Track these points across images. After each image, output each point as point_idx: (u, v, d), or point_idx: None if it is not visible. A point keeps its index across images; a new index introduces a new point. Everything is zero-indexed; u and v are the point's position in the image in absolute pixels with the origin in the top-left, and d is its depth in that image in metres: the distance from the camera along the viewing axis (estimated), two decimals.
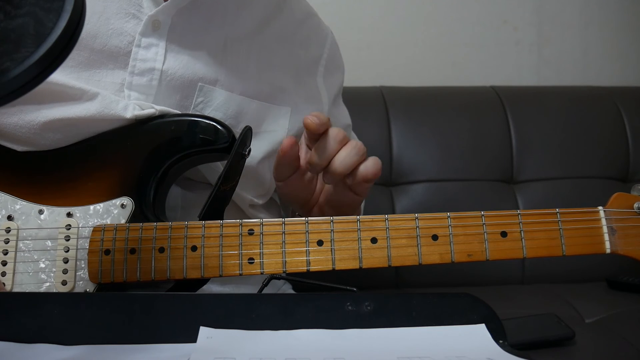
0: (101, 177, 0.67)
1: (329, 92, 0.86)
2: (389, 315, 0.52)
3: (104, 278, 0.62)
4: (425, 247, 0.60)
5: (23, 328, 0.50)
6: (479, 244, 0.60)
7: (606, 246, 0.61)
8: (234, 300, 0.52)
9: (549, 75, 1.51)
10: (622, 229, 0.61)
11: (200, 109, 0.73)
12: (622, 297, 1.04)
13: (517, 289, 1.13)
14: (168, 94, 0.72)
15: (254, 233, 0.61)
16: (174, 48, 0.72)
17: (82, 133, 0.68)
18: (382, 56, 1.47)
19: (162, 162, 0.68)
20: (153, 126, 0.68)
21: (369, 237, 0.61)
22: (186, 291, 0.63)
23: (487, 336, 0.50)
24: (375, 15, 1.47)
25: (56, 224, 0.65)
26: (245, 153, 0.67)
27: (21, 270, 0.64)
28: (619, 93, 1.34)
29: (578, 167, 1.26)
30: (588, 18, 1.52)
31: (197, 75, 0.72)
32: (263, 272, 0.61)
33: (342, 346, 0.49)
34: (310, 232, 0.61)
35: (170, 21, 0.71)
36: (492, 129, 1.26)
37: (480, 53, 1.50)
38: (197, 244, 0.62)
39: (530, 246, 0.60)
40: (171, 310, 0.51)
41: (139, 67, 0.70)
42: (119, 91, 0.70)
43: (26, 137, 0.67)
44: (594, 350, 0.76)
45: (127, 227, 0.63)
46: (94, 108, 0.67)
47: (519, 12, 1.50)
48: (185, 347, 0.48)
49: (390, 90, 1.29)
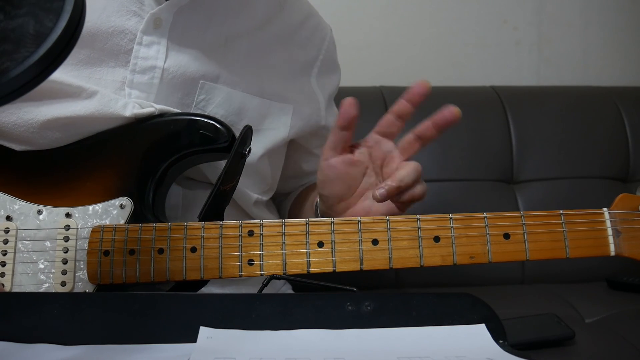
0: (100, 177, 0.67)
1: (323, 92, 0.86)
2: (389, 315, 0.52)
3: (103, 279, 0.62)
4: (427, 249, 0.60)
5: (23, 328, 0.50)
6: (481, 246, 0.60)
7: (611, 248, 0.60)
8: (234, 300, 0.52)
9: (549, 75, 1.51)
10: (627, 231, 0.60)
11: (202, 106, 0.73)
12: (622, 297, 1.03)
13: (517, 289, 1.13)
14: (169, 92, 0.71)
15: (253, 234, 0.61)
16: (175, 46, 0.72)
17: (81, 132, 0.68)
18: (382, 56, 1.47)
19: (162, 161, 0.67)
20: (152, 125, 0.68)
21: (370, 239, 0.60)
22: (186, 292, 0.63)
23: (487, 336, 0.50)
24: (375, 15, 1.46)
25: (55, 224, 0.64)
26: (245, 152, 0.67)
27: (20, 271, 0.63)
28: (619, 93, 1.34)
29: (578, 167, 1.26)
30: (588, 18, 1.51)
31: (199, 73, 0.72)
32: (263, 273, 0.61)
33: (342, 346, 0.48)
34: (311, 233, 0.61)
35: (171, 19, 0.71)
36: (492, 129, 1.26)
37: (480, 53, 1.50)
38: (196, 245, 0.61)
39: (533, 248, 0.60)
40: (171, 310, 0.51)
41: (140, 65, 0.70)
42: (120, 89, 0.70)
43: (25, 136, 0.67)
44: (594, 350, 0.76)
45: (126, 227, 0.63)
46: (92, 106, 0.67)
47: (519, 12, 1.50)
48: (185, 347, 0.48)
49: (390, 90, 1.29)
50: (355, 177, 0.68)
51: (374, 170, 0.68)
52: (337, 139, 0.66)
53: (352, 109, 0.65)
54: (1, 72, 0.38)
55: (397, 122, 0.67)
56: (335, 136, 0.66)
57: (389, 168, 0.67)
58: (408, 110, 0.66)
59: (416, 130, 0.66)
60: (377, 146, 0.67)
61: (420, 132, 0.66)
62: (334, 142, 0.67)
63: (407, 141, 0.67)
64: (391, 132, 0.67)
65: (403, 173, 0.63)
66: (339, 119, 0.65)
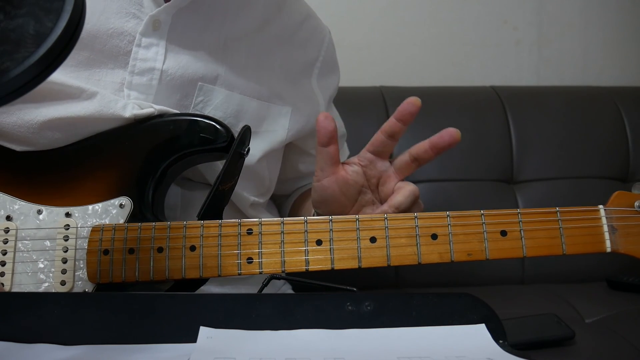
0: (100, 177, 0.67)
1: (323, 93, 0.86)
2: (389, 315, 0.52)
3: (103, 278, 0.62)
4: (425, 247, 0.60)
5: (23, 328, 0.50)
6: (478, 243, 0.60)
7: (607, 245, 0.60)
8: (234, 300, 0.52)
9: (549, 75, 1.51)
10: (622, 228, 0.61)
11: (200, 108, 0.73)
12: (622, 297, 1.03)
13: (517, 289, 1.13)
14: (168, 94, 0.72)
15: (252, 233, 0.61)
16: (174, 48, 0.72)
17: (80, 132, 0.68)
18: (382, 56, 1.47)
19: (161, 161, 0.67)
20: (151, 126, 0.68)
21: (368, 237, 0.61)
22: (185, 291, 0.63)
23: (487, 336, 0.50)
24: (375, 15, 1.46)
25: (55, 224, 0.65)
26: (244, 153, 0.67)
27: (20, 271, 0.63)
28: (619, 93, 1.34)
29: (578, 167, 1.26)
30: (588, 18, 1.51)
31: (197, 75, 0.72)
32: (262, 271, 0.61)
33: (342, 346, 0.48)
34: (309, 231, 0.61)
35: (170, 21, 0.71)
36: (492, 129, 1.26)
37: (480, 53, 1.50)
38: (195, 243, 0.61)
39: (530, 245, 0.60)
40: (171, 310, 0.51)
41: (139, 67, 0.70)
42: (119, 90, 0.70)
43: (25, 137, 0.67)
44: (594, 350, 0.76)
45: (125, 227, 0.63)
46: (92, 107, 0.67)
47: (519, 12, 1.50)
48: (185, 347, 0.48)
49: (390, 90, 1.29)
50: (350, 195, 0.66)
51: (369, 188, 0.67)
52: (322, 157, 0.64)
53: (327, 122, 0.63)
54: (1, 72, 0.38)
55: (388, 141, 0.64)
56: (320, 154, 0.64)
57: (386, 187, 0.66)
58: (399, 129, 0.63)
59: (413, 151, 0.64)
60: (371, 165, 0.66)
61: (417, 153, 0.64)
62: (321, 162, 0.65)
63: (404, 161, 0.65)
64: (384, 151, 0.66)
65: (400, 199, 0.63)
66: (318, 136, 0.63)
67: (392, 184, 0.65)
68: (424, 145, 0.64)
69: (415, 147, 0.64)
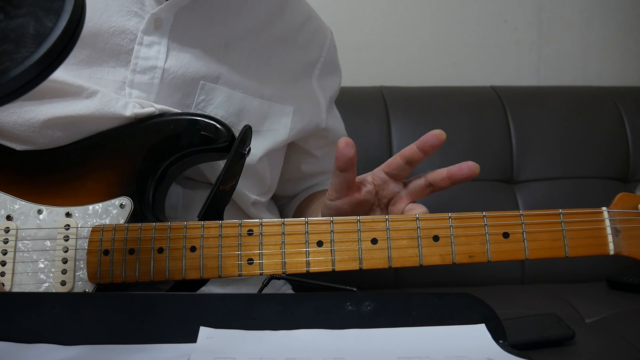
0: (100, 176, 0.67)
1: (324, 94, 0.86)
2: (389, 315, 0.52)
3: (103, 278, 0.62)
4: (426, 248, 0.60)
5: (23, 328, 0.50)
6: (480, 245, 0.60)
7: (610, 247, 0.60)
8: (234, 300, 0.52)
9: (549, 75, 1.51)
10: (626, 230, 0.60)
11: (202, 107, 0.73)
12: (622, 297, 1.03)
13: (517, 289, 1.13)
14: (169, 92, 0.71)
15: (253, 233, 0.61)
16: (175, 46, 0.72)
17: (81, 131, 0.68)
18: (382, 56, 1.47)
19: (161, 161, 0.67)
20: (152, 125, 0.68)
21: (369, 238, 0.60)
22: (185, 292, 0.63)
23: (487, 336, 0.50)
24: (375, 15, 1.46)
25: (55, 224, 0.64)
26: (245, 152, 0.67)
27: (20, 271, 0.63)
28: (619, 93, 1.34)
29: (578, 167, 1.26)
30: (588, 18, 1.51)
31: (199, 74, 0.72)
32: (262, 272, 0.61)
33: (342, 346, 0.48)
34: (310, 232, 0.61)
35: (172, 19, 0.71)
36: (492, 129, 1.26)
37: (480, 53, 1.50)
38: (196, 244, 0.61)
39: (532, 247, 0.60)
40: (171, 310, 0.51)
41: (140, 65, 0.70)
42: (121, 89, 0.70)
43: (25, 136, 0.67)
44: (594, 350, 0.76)
45: (126, 227, 0.63)
46: (93, 106, 0.67)
47: (519, 12, 1.50)
48: (185, 347, 0.48)
49: (390, 90, 1.29)
50: (360, 212, 0.67)
51: (379, 206, 0.68)
52: (339, 181, 0.64)
53: (348, 149, 0.62)
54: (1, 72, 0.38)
55: (406, 167, 0.65)
56: (338, 178, 0.64)
57: (396, 208, 0.66)
58: (418, 158, 0.64)
59: (429, 177, 0.65)
60: (384, 185, 0.66)
61: (433, 180, 0.64)
62: (337, 185, 0.65)
63: (418, 186, 0.65)
64: (399, 174, 0.66)
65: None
66: (337, 162, 0.63)
67: (402, 205, 0.66)
68: (441, 173, 0.64)
69: (432, 174, 0.65)
